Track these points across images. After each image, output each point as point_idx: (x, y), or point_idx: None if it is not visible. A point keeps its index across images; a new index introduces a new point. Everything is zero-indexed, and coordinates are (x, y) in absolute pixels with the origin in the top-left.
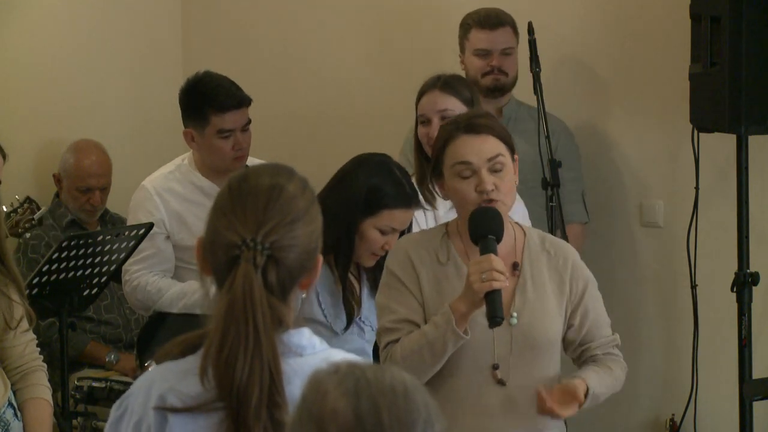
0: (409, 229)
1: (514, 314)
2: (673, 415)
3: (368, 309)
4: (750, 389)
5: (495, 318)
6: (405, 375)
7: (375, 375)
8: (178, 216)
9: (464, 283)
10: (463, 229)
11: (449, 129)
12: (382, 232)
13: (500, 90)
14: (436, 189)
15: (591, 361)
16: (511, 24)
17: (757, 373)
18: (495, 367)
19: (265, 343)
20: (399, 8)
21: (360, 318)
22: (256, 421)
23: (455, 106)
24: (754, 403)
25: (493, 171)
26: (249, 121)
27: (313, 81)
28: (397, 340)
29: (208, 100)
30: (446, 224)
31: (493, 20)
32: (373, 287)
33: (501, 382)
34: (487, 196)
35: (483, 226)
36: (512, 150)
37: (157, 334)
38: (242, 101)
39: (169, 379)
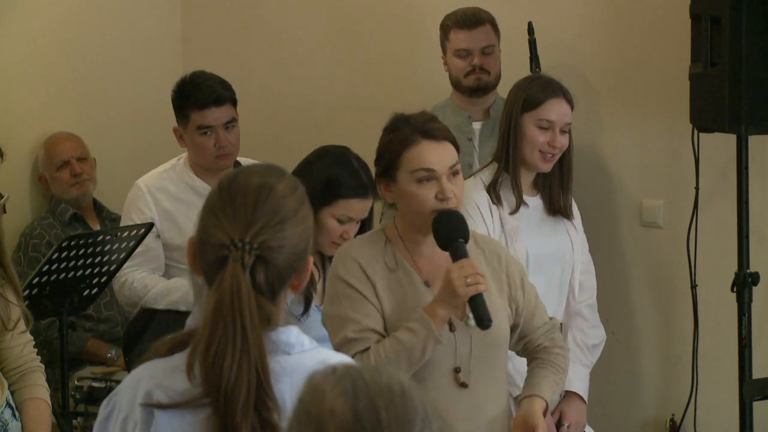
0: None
1: (470, 314)
2: (673, 415)
3: None
4: (750, 389)
5: (484, 321)
6: (402, 375)
7: (372, 375)
8: (169, 215)
9: (442, 286)
10: (407, 234)
11: (405, 132)
12: (340, 221)
13: (483, 89)
14: (380, 189)
15: (539, 356)
16: (491, 22)
17: (757, 373)
18: (457, 371)
19: (253, 341)
20: (390, 11)
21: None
22: (244, 419)
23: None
24: (754, 403)
25: (450, 177)
26: (233, 119)
27: (312, 81)
28: (365, 350)
29: (188, 97)
30: (383, 230)
31: (471, 19)
32: None
33: (463, 385)
34: (447, 204)
35: (451, 230)
36: (459, 151)
37: (143, 330)
38: (221, 98)
39: (156, 376)
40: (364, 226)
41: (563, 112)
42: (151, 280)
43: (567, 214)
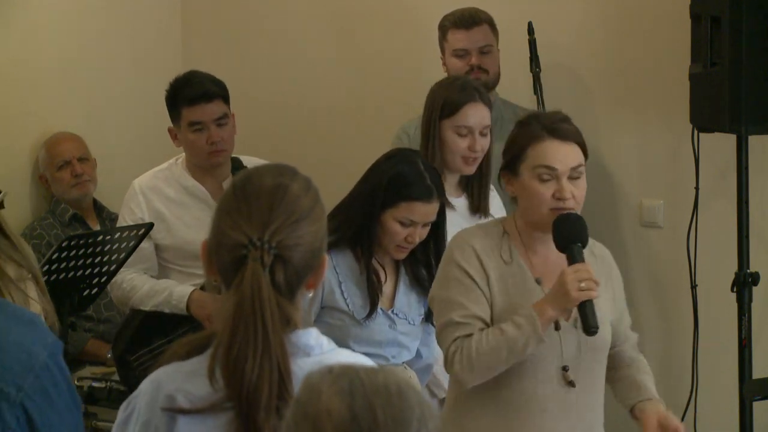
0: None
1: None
2: None
3: (405, 303)
4: (750, 389)
5: (591, 329)
6: (399, 375)
7: (368, 375)
8: (159, 215)
9: (555, 287)
10: (525, 229)
11: (533, 128)
12: (403, 224)
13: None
14: (502, 182)
15: (634, 364)
16: (488, 21)
17: (757, 373)
18: (565, 369)
19: (274, 342)
20: (387, 11)
21: (392, 310)
22: (266, 420)
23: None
24: (754, 403)
25: (572, 179)
26: (225, 115)
27: (312, 80)
28: (469, 335)
29: (179, 94)
30: (502, 222)
31: (468, 19)
32: (414, 282)
33: (571, 384)
34: (564, 204)
35: (571, 233)
36: (587, 156)
37: (132, 331)
38: (211, 94)
39: (176, 380)
40: (438, 229)
41: (481, 116)
42: (139, 280)
43: (485, 213)
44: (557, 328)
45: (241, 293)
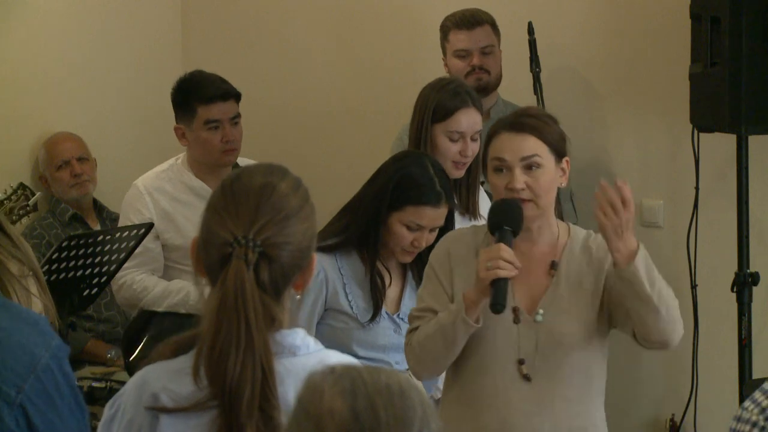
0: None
1: (540, 311)
2: (673, 415)
3: (410, 307)
4: (750, 389)
5: (495, 305)
6: (400, 375)
7: (371, 375)
8: (167, 215)
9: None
10: None
11: (497, 124)
12: (409, 228)
13: (484, 89)
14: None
15: None
16: (490, 22)
17: (757, 373)
18: (521, 362)
19: (257, 340)
20: (389, 12)
21: (398, 315)
22: (248, 418)
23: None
24: None
25: (527, 169)
26: (238, 115)
27: (312, 81)
28: (418, 327)
29: (194, 93)
30: None
31: (470, 20)
32: (419, 285)
33: (526, 378)
34: (517, 195)
35: (500, 217)
36: (559, 152)
37: (142, 331)
38: (228, 93)
39: (161, 379)
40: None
41: (473, 121)
42: (150, 281)
43: (474, 214)
44: (516, 321)
45: (224, 291)
